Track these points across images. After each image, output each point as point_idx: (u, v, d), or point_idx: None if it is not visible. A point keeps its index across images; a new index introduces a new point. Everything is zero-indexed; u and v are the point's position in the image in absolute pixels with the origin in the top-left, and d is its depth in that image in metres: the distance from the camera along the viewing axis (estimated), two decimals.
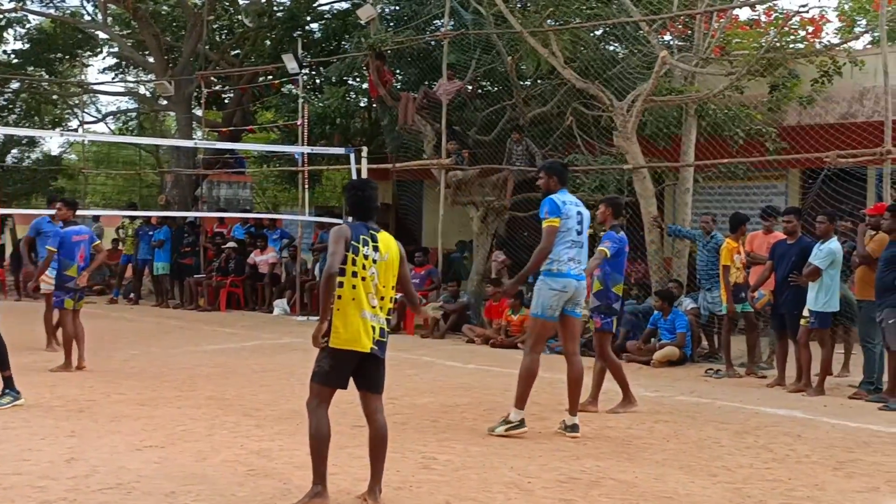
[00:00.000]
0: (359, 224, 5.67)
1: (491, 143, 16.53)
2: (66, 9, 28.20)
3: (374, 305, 5.54)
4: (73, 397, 9.01)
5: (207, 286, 19.45)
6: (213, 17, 24.22)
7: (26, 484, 5.93)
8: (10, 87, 29.03)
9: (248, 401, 9.08)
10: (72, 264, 10.89)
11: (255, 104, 25.64)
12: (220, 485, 6.04)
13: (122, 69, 30.72)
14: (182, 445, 7.09)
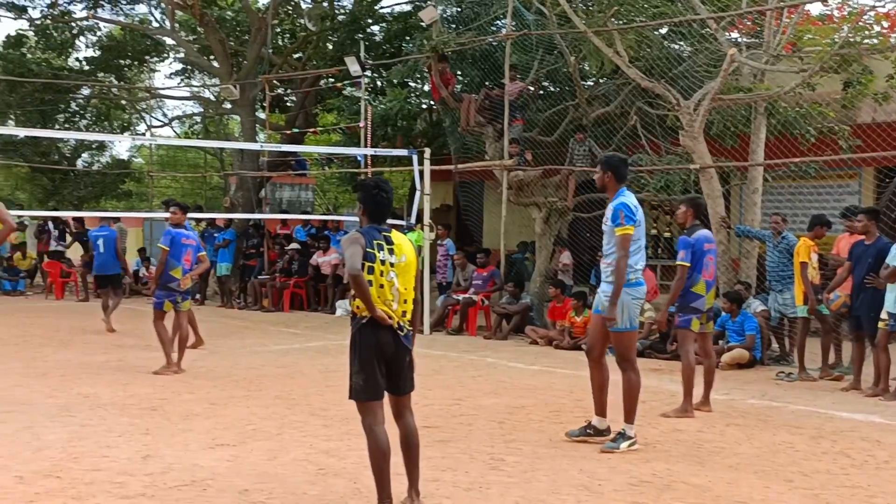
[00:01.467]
0: (370, 228, 5.38)
1: (553, 143, 16.46)
2: (135, 16, 28.79)
3: (397, 310, 5.33)
4: (145, 396, 9.15)
5: (271, 287, 19.66)
6: (276, 22, 24.46)
7: (106, 480, 6.04)
8: (81, 94, 29.66)
9: (314, 401, 9.14)
10: (177, 265, 10.93)
11: (317, 107, 25.83)
12: (292, 483, 6.08)
13: (188, 74, 31.21)
14: (252, 444, 7.15)
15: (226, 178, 27.79)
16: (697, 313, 8.75)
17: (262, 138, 24.26)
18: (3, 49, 27.48)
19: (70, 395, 9.13)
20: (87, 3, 26.36)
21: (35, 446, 6.88)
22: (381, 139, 19.62)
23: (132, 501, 5.62)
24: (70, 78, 27.99)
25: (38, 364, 11.00)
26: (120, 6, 27.37)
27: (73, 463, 6.43)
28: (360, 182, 5.73)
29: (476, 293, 15.89)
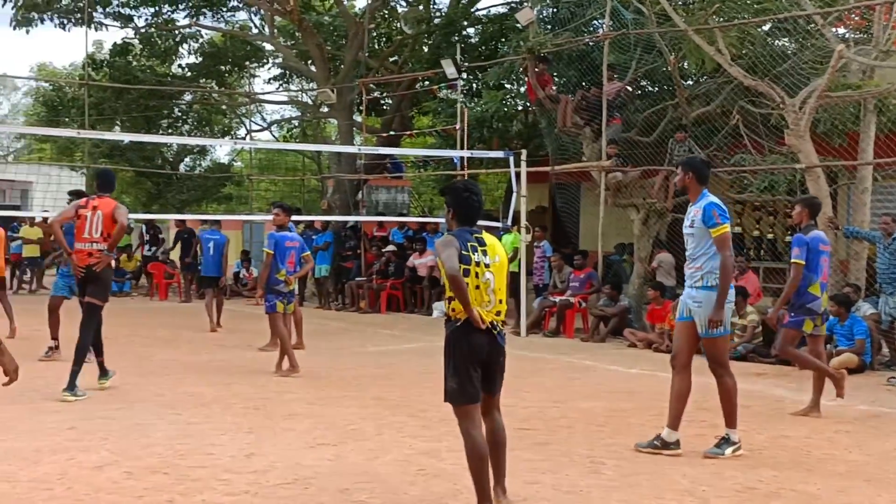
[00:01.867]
0: (462, 231, 5.32)
1: (652, 144, 16.23)
2: (235, 23, 29.36)
3: (495, 311, 5.30)
4: (248, 395, 9.30)
5: (368, 289, 19.83)
6: (373, 26, 24.68)
7: (211, 476, 6.15)
8: (184, 99, 30.39)
9: (413, 402, 9.16)
10: (282, 268, 11.05)
11: (413, 110, 25.98)
12: (392, 483, 6.10)
13: (287, 79, 31.71)
14: (353, 444, 7.20)
15: (323, 180, 28.14)
16: (812, 314, 8.50)
17: (359, 141, 24.52)
18: (110, 57, 28.31)
19: (176, 393, 9.33)
20: (189, 11, 27.00)
21: (143, 443, 7.05)
22: (476, 141, 19.62)
23: (237, 499, 5.71)
24: (173, 84, 28.70)
25: (145, 363, 11.28)
26: (221, 13, 27.95)
27: (179, 460, 6.56)
28: (449, 185, 5.66)
29: (573, 295, 15.77)
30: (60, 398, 8.79)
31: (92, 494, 5.70)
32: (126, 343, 13.11)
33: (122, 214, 9.47)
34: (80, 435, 7.27)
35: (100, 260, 9.31)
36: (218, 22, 28.29)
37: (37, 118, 34.08)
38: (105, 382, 9.53)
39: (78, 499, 5.61)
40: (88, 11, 24.63)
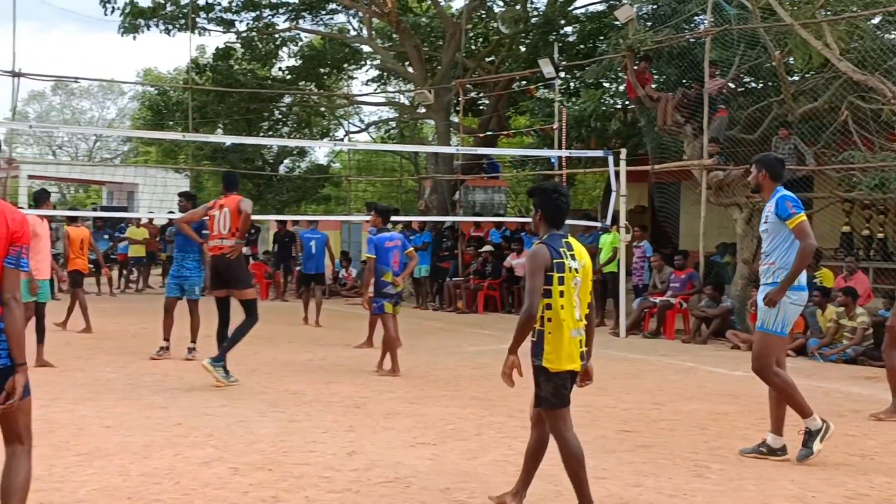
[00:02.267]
0: (553, 235, 5.28)
1: (755, 141, 15.86)
2: (333, 25, 29.72)
3: (579, 318, 5.26)
4: (348, 394, 9.39)
5: (465, 289, 19.86)
6: (470, 26, 24.72)
7: (314, 474, 6.23)
8: (283, 102, 30.90)
9: (512, 402, 9.11)
10: (387, 270, 11.03)
11: (510, 109, 25.93)
12: (492, 483, 6.08)
13: (384, 80, 31.98)
14: (452, 444, 7.21)
15: (420, 181, 28.30)
16: None
17: (456, 142, 24.57)
18: (212, 61, 28.96)
19: (278, 391, 9.48)
20: (289, 15, 27.45)
21: (248, 440, 7.17)
22: (574, 140, 19.47)
23: (339, 496, 5.76)
24: (273, 87, 29.23)
25: (248, 361, 11.47)
26: (320, 16, 28.34)
27: (283, 457, 6.66)
28: (537, 186, 5.57)
29: (674, 296, 15.52)
30: (203, 364, 9.67)
31: (199, 489, 5.82)
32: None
33: (246, 205, 10.04)
34: (186, 431, 7.44)
35: (232, 250, 9.84)
36: (317, 25, 28.71)
37: (143, 122, 35.05)
38: (209, 366, 9.71)
39: (186, 493, 5.73)
40: (192, 17, 25.26)
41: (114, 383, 9.74)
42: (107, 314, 16.96)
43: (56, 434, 7.19)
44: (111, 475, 6.06)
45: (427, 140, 33.43)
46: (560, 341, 5.19)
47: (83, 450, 6.73)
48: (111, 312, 17.49)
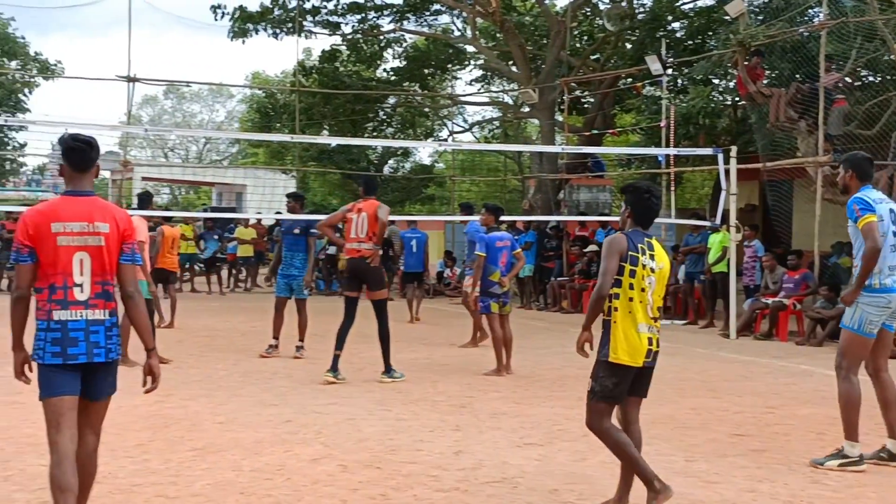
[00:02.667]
0: (636, 232, 5.36)
1: (873, 137, 15.30)
2: (437, 26, 29.85)
3: (651, 316, 5.31)
4: (453, 393, 9.39)
5: (570, 289, 19.70)
6: (574, 24, 24.53)
7: (422, 472, 6.24)
8: (388, 103, 31.17)
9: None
10: (495, 269, 11.03)
11: (615, 107, 25.64)
12: (602, 485, 6.00)
13: (488, 80, 31.98)
14: (560, 444, 7.14)
15: (524, 181, 28.20)
16: None
17: (560, 141, 24.41)
18: (318, 63, 29.38)
19: (384, 390, 9.54)
20: (393, 16, 27.67)
21: (356, 437, 7.22)
22: (682, 138, 19.13)
23: (447, 495, 5.75)
24: (378, 88, 29.50)
25: (354, 360, 11.57)
26: (424, 18, 28.50)
27: (391, 455, 6.68)
28: (630, 185, 5.64)
29: (787, 297, 15.09)
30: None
31: (309, 486, 5.87)
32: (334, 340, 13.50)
33: (384, 212, 10.26)
34: (296, 428, 7.53)
35: (372, 255, 10.10)
36: (421, 26, 28.88)
37: (251, 124, 35.78)
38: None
39: (296, 489, 5.79)
40: (299, 21, 25.66)
41: (225, 380, 9.93)
42: (217, 313, 17.35)
43: (171, 429, 7.37)
44: (224, 470, 6.16)
45: (531, 139, 33.30)
46: (626, 334, 5.25)
47: (197, 445, 6.87)
48: (221, 311, 17.88)
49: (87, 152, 4.59)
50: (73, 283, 4.45)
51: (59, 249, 4.43)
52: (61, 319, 4.42)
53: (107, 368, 4.55)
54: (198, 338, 13.51)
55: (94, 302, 4.49)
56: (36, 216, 4.48)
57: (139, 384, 4.73)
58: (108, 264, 4.52)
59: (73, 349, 4.41)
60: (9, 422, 7.49)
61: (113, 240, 4.53)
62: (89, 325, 4.46)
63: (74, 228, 4.46)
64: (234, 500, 5.56)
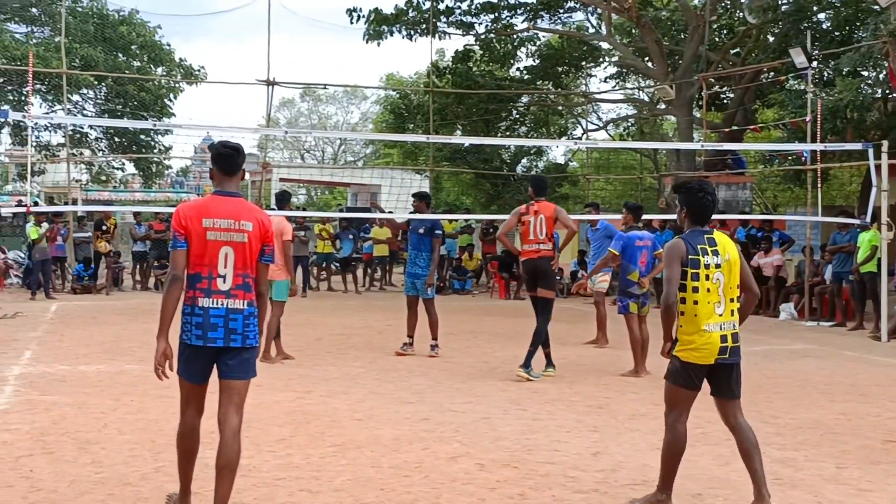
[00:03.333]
0: (695, 232, 5.46)
1: None
2: (571, 23, 29.62)
3: (721, 314, 5.37)
4: (590, 394, 9.28)
5: None
6: (714, 18, 23.96)
7: (559, 473, 6.18)
8: (521, 102, 31.10)
9: (763, 407, 8.74)
10: (634, 269, 10.93)
11: (756, 102, 24.92)
12: (746, 491, 5.81)
13: (623, 77, 31.56)
14: (702, 448, 6.97)
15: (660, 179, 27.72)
16: None
17: (698, 137, 23.88)
18: (452, 64, 29.53)
19: (520, 389, 9.49)
20: (527, 15, 27.57)
21: (492, 436, 7.20)
22: (829, 133, 18.43)
23: (586, 496, 5.68)
24: (511, 87, 29.45)
25: (489, 359, 11.59)
26: (558, 15, 28.32)
27: (527, 454, 6.63)
28: (683, 184, 5.74)
29: None
30: (516, 375, 9.96)
31: (447, 484, 5.88)
32: (469, 340, 13.54)
33: (568, 219, 10.58)
34: (433, 426, 7.56)
35: (550, 257, 10.36)
36: (555, 24, 28.70)
37: (385, 125, 36.23)
38: (551, 372, 10.24)
39: (434, 487, 5.80)
40: (433, 22, 25.84)
41: (363, 377, 10.05)
42: (354, 311, 17.62)
43: (311, 425, 7.49)
44: (364, 466, 6.23)
45: (667, 136, 32.70)
46: (691, 334, 5.37)
47: (336, 441, 6.96)
48: (357, 310, 18.15)
49: (235, 157, 5.11)
50: (217, 275, 4.92)
51: (208, 243, 4.91)
52: (204, 306, 4.90)
53: (244, 353, 4.96)
54: (335, 336, 13.74)
55: (234, 292, 4.94)
56: (189, 210, 4.99)
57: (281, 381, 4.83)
58: (249, 259, 5.00)
59: (212, 333, 4.88)
60: (159, 415, 7.76)
61: (255, 238, 5.02)
62: (229, 314, 4.91)
63: (222, 225, 4.94)
64: (374, 495, 5.61)
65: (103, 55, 28.78)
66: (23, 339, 12.78)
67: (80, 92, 30.55)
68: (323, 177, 49.57)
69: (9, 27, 30.13)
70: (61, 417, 7.67)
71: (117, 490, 5.64)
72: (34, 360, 10.85)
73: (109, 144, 32.38)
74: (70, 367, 10.41)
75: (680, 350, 5.45)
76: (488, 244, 24.85)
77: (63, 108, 26.70)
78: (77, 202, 26.17)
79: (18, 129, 29.89)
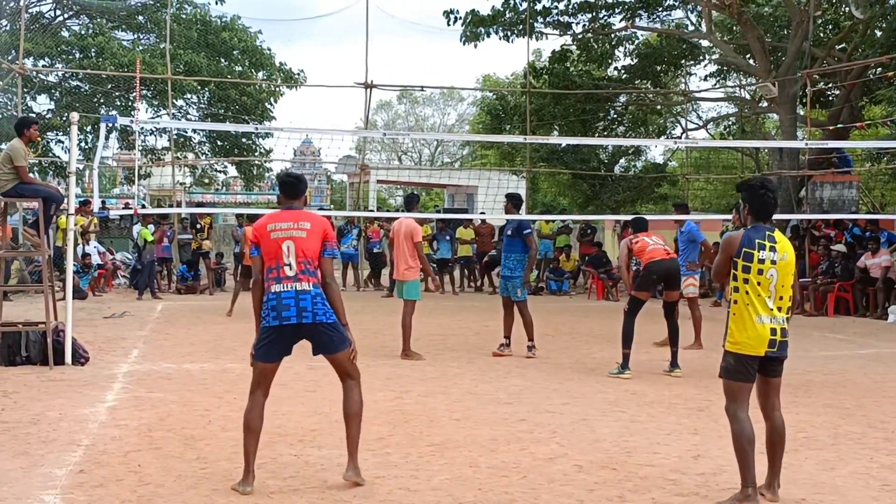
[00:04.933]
0: (757, 227, 5.65)
1: None
2: (670, 22, 29.20)
3: (771, 308, 5.53)
4: (690, 396, 9.16)
5: (814, 291, 18.79)
6: (818, 13, 23.36)
7: (659, 476, 6.13)
8: (619, 101, 30.80)
9: (870, 411, 8.53)
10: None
11: (863, 99, 24.21)
12: (853, 497, 5.74)
13: (723, 75, 31.00)
14: (806, 453, 6.85)
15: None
16: None
17: (802, 135, 23.32)
18: (549, 64, 29.40)
19: (618, 391, 9.42)
20: (625, 14, 27.29)
21: (591, 438, 7.17)
22: None
23: (686, 500, 5.64)
24: (609, 87, 29.18)
25: (587, 360, 11.54)
26: (657, 14, 27.95)
27: (626, 457, 6.59)
28: (745, 183, 5.95)
29: None
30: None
31: (545, 485, 5.88)
32: (567, 341, 13.49)
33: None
34: (531, 427, 7.57)
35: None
36: (653, 22, 28.33)
37: (481, 126, 36.25)
38: (677, 372, 10.53)
39: (532, 488, 5.81)
40: (530, 22, 25.78)
41: (460, 378, 10.10)
42: (451, 312, 17.70)
43: (410, 425, 7.57)
44: (461, 466, 6.27)
45: (769, 135, 32.00)
46: (743, 326, 5.56)
47: (435, 441, 7.03)
48: (454, 310, 18.23)
49: (296, 185, 6.06)
50: (283, 263, 5.74)
51: (273, 241, 5.79)
52: (276, 291, 5.71)
53: (327, 328, 5.71)
54: (432, 336, 13.82)
55: (300, 277, 5.72)
56: (260, 222, 5.96)
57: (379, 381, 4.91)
58: (309, 251, 5.78)
59: (286, 313, 5.65)
60: None
61: (313, 233, 5.82)
62: (298, 294, 5.68)
63: (283, 227, 5.82)
64: (473, 495, 5.65)
65: (206, 60, 29.44)
66: (130, 337, 13.19)
67: (184, 97, 31.34)
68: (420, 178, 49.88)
69: (116, 35, 31.08)
70: (167, 414, 7.91)
71: (221, 485, 5.80)
72: (141, 359, 11.22)
73: (212, 148, 33.13)
74: (175, 365, 10.74)
75: (731, 345, 5.62)
76: (585, 245, 24.65)
77: (168, 112, 27.43)
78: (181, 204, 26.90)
79: (126, 133, 30.82)
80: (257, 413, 5.74)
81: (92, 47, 29.04)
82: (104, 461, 6.33)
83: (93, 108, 29.27)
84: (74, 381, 9.54)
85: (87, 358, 10.72)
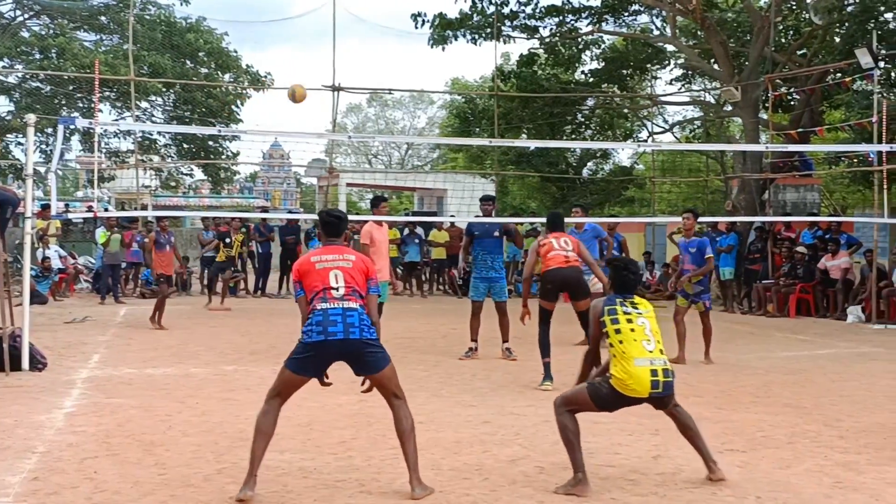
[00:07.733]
0: (613, 297, 6.20)
1: None
2: (636, 26, 29.44)
3: (651, 350, 5.92)
4: None
5: (776, 292, 19.05)
6: (779, 19, 23.66)
7: (619, 476, 6.23)
8: (586, 105, 31.01)
9: (827, 410, 8.70)
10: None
11: (823, 104, 24.55)
12: (807, 494, 5.85)
13: (689, 79, 31.30)
14: (763, 451, 6.98)
15: (727, 181, 27.42)
16: None
17: (765, 139, 23.60)
18: (517, 68, 29.55)
19: None
20: (591, 18, 27.47)
21: (553, 439, 7.14)
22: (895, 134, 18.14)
23: (644, 499, 5.73)
24: (576, 91, 29.37)
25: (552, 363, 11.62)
26: (622, 18, 28.16)
27: (588, 458, 6.54)
28: (611, 260, 6.60)
29: None
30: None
31: (506, 486, 5.96)
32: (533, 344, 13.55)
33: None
34: (494, 429, 7.64)
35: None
36: (619, 27, 28.55)
37: (451, 129, 36.37)
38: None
39: (493, 489, 5.89)
40: (498, 26, 25.90)
41: (425, 381, 10.14)
42: (418, 315, 17.75)
43: (373, 428, 7.61)
44: (424, 469, 6.30)
45: (734, 138, 32.34)
46: (623, 369, 5.88)
47: (397, 444, 7.03)
48: (422, 313, 18.28)
49: (338, 224, 6.09)
50: (331, 287, 5.74)
51: (319, 271, 5.80)
52: (323, 308, 5.67)
53: (372, 345, 5.76)
54: (399, 339, 13.86)
55: (348, 297, 5.73)
56: (301, 260, 6.01)
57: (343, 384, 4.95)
58: (355, 279, 5.81)
59: (332, 328, 5.61)
60: (223, 417, 7.97)
61: (357, 267, 5.87)
62: (345, 311, 5.66)
63: (329, 258, 5.87)
64: (433, 498, 5.71)
65: (171, 62, 29.33)
66: (91, 342, 13.09)
67: (148, 99, 31.21)
68: (389, 181, 49.91)
69: (78, 35, 30.86)
70: (126, 420, 7.87)
71: (179, 491, 5.78)
72: (102, 364, 11.12)
73: (178, 151, 32.99)
74: (137, 370, 10.68)
75: (616, 380, 5.87)
76: None
77: (132, 114, 27.29)
78: (147, 208, 26.75)
79: (88, 136, 30.61)
80: (272, 418, 5.73)
81: (53, 48, 28.85)
82: (59, 468, 6.28)
83: (54, 109, 29.07)
84: (31, 387, 9.45)
85: (45, 363, 10.57)
